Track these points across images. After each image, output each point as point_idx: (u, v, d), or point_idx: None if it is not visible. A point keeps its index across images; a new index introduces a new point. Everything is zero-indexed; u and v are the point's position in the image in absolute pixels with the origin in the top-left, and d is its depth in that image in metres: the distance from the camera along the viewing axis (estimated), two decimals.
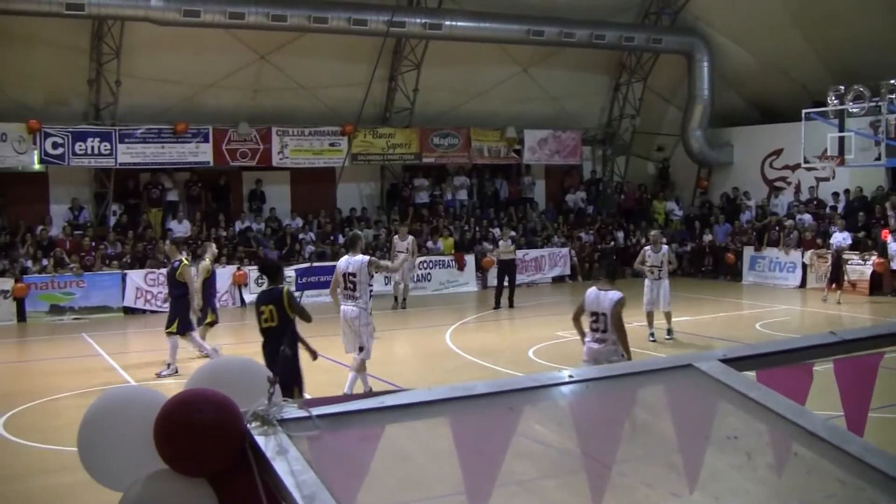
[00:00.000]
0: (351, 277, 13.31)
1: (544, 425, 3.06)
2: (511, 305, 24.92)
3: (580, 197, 34.78)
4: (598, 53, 32.58)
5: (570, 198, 34.66)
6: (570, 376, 3.03)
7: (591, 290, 11.44)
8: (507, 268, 25.41)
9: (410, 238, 25.08)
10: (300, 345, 11.29)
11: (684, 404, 3.22)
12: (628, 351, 11.07)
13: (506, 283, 25.07)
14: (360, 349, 13.19)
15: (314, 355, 11.47)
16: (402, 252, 23.43)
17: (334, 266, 14.02)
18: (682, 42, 32.27)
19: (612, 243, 32.34)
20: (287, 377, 10.52)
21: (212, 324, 18.51)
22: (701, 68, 32.37)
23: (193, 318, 16.91)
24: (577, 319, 11.59)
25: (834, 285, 25.14)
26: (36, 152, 25.96)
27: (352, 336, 13.37)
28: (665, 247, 19.79)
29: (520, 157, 32.81)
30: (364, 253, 13.85)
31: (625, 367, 3.22)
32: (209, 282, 18.29)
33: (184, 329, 16.47)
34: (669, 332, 19.00)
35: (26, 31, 24.80)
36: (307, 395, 11.92)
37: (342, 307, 13.38)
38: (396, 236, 25.51)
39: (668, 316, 19.14)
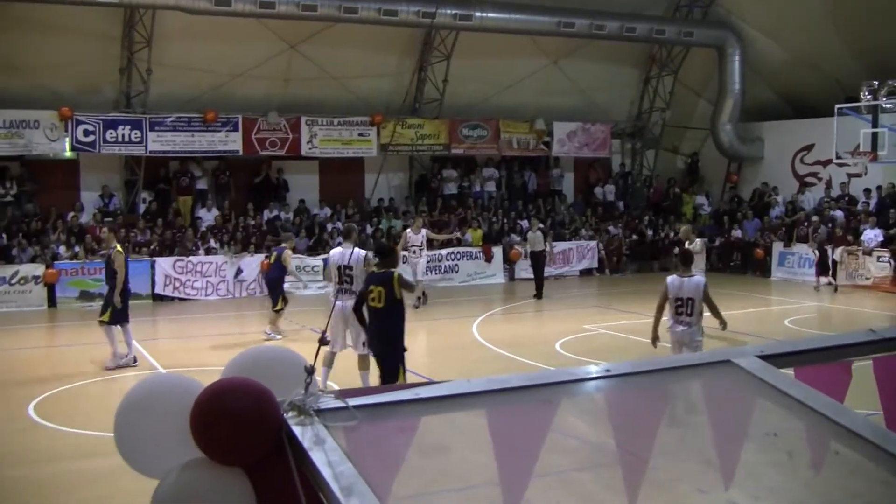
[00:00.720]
0: (347, 271, 13.23)
1: (581, 419, 3.04)
2: (539, 297, 24.89)
3: (609, 190, 34.65)
4: (629, 46, 32.43)
5: (598, 191, 34.56)
6: (608, 370, 3.01)
7: (673, 278, 12.16)
8: (537, 259, 25.39)
9: (424, 232, 24.35)
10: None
11: (722, 400, 3.19)
12: (723, 319, 12.35)
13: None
14: (364, 344, 12.60)
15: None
16: (416, 246, 23.34)
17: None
18: (713, 35, 32.07)
19: (639, 237, 32.22)
20: (392, 358, 11.36)
21: (280, 310, 18.72)
22: (732, 62, 32.15)
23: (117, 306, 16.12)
24: (661, 308, 12.26)
25: (825, 277, 25.53)
26: (67, 139, 26.19)
27: (351, 331, 13.05)
28: (698, 240, 19.76)
29: (549, 150, 32.73)
30: (358, 246, 13.82)
31: (661, 363, 3.18)
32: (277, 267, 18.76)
33: (117, 320, 16.00)
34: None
35: (59, 19, 24.96)
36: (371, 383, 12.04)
37: (339, 302, 12.95)
38: (409, 230, 24.26)
39: None
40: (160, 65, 26.65)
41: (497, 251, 29.39)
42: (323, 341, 10.58)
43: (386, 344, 11.47)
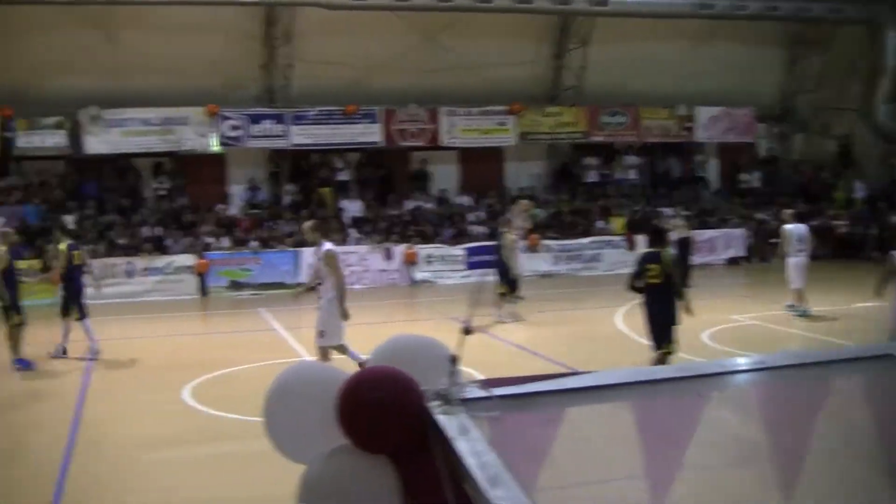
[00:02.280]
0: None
1: (732, 413, 2.95)
2: (685, 285, 24.35)
3: (755, 176, 33.74)
4: (773, 25, 31.49)
5: (744, 177, 33.69)
6: (761, 363, 2.90)
7: None
8: (682, 246, 24.91)
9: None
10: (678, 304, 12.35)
11: (883, 396, 3.04)
12: None
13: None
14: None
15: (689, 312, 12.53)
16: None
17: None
18: (865, 10, 30.66)
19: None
20: (660, 333, 12.24)
21: (504, 294, 18.93)
22: (887, 37, 30.68)
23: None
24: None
25: None
26: (215, 135, 27.03)
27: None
28: (802, 226, 19.53)
29: (691, 135, 32.08)
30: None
31: (817, 355, 3.05)
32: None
33: (75, 314, 16.12)
34: (793, 306, 18.80)
35: (204, 20, 25.81)
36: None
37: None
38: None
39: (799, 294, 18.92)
40: (301, 60, 27.21)
41: (640, 239, 28.95)
42: (467, 330, 10.60)
43: (666, 315, 12.32)
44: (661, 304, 12.36)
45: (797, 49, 33.25)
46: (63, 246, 16.20)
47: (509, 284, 18.94)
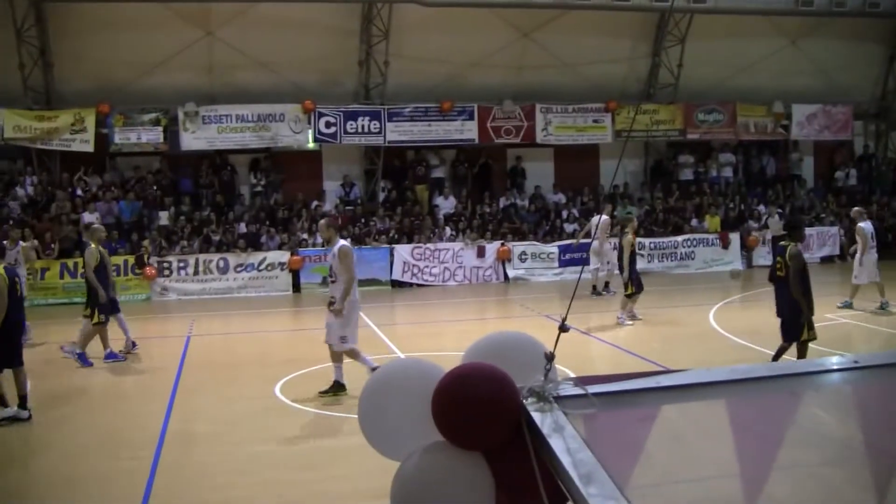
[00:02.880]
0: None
1: (827, 412, 2.93)
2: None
3: (852, 174, 33.01)
4: (872, 21, 30.76)
5: (839, 175, 32.99)
6: (856, 362, 2.88)
7: None
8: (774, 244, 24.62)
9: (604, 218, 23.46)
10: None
11: None
12: None
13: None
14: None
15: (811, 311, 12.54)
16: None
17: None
18: None
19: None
20: (790, 324, 12.49)
21: (631, 295, 18.85)
22: None
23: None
24: None
25: None
26: (311, 131, 27.36)
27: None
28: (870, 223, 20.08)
29: (787, 133, 31.52)
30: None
31: None
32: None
33: (101, 314, 15.65)
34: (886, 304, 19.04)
35: (302, 17, 26.14)
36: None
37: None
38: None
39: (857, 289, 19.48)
40: (397, 57, 27.36)
41: (734, 237, 28.60)
42: (563, 328, 10.55)
43: (787, 309, 12.49)
44: (784, 297, 12.59)
45: None
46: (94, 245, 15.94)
47: (634, 285, 18.81)
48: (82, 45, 25.62)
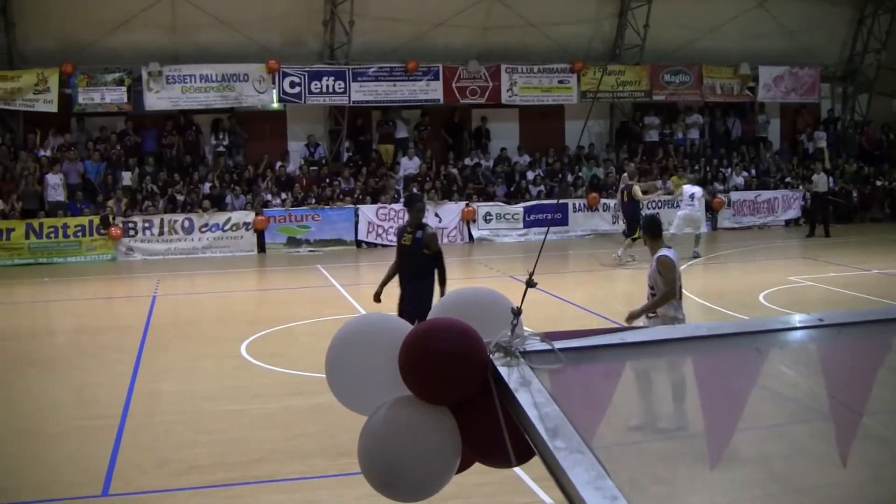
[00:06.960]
0: None
1: (792, 369, 2.95)
2: (826, 235, 26.40)
3: (817, 137, 33.17)
4: None
5: (805, 138, 33.16)
6: (820, 320, 2.90)
7: None
8: (820, 201, 26.61)
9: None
10: None
11: None
12: None
13: None
14: None
15: None
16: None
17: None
18: None
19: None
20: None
21: (636, 239, 19.68)
22: None
23: None
24: None
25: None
26: (275, 91, 27.14)
27: None
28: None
29: (754, 95, 31.63)
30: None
31: (878, 313, 3.03)
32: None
33: None
34: None
35: None
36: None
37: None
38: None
39: None
40: (362, 16, 27.15)
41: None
42: (531, 283, 10.50)
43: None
44: None
45: (866, 7, 32.44)
46: None
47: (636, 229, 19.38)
48: (45, 3, 25.24)
